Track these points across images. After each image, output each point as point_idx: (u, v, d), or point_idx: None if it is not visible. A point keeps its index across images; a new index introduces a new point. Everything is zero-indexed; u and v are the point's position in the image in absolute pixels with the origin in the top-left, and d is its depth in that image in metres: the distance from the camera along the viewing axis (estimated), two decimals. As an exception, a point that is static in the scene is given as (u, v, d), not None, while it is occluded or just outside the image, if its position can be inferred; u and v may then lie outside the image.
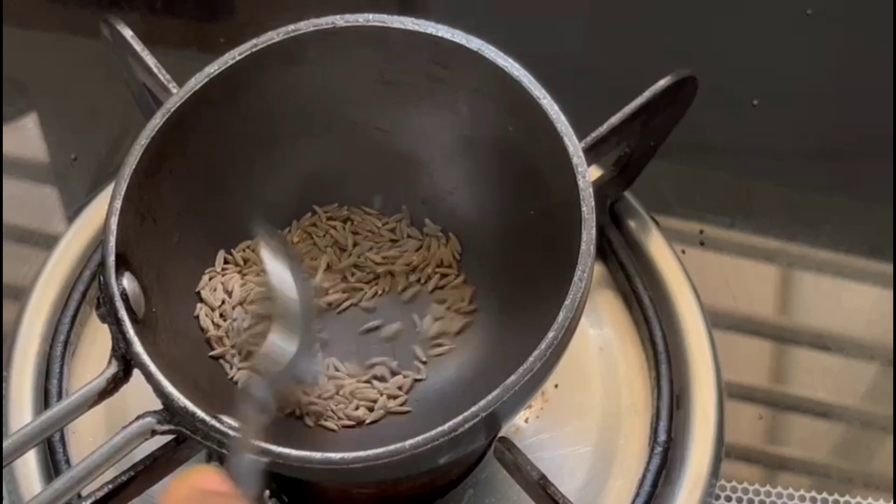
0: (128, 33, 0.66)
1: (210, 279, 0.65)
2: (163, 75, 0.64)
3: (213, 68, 0.61)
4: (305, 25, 0.62)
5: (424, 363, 0.64)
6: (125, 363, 0.55)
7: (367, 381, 0.63)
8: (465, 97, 0.63)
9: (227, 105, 0.62)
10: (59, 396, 0.68)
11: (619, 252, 0.72)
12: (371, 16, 0.62)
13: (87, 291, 0.71)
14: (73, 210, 0.75)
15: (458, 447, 0.53)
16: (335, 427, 0.62)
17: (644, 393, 0.69)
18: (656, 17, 0.85)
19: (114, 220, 0.57)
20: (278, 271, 0.59)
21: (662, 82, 0.65)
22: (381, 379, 0.63)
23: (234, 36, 0.63)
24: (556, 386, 0.68)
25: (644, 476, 0.66)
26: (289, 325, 0.57)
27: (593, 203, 0.57)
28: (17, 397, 0.67)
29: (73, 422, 0.56)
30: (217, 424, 0.53)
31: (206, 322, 0.64)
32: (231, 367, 0.63)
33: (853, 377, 0.72)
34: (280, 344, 0.57)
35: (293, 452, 0.53)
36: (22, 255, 0.75)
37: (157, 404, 0.54)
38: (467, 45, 0.61)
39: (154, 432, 0.54)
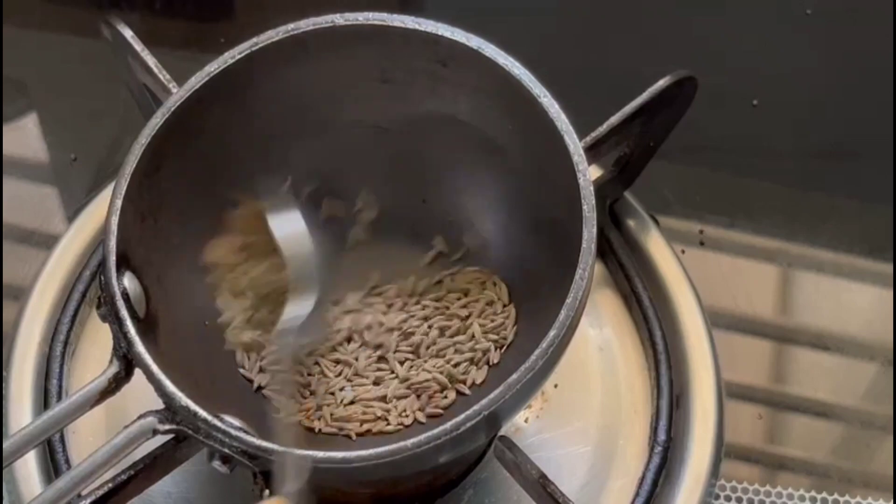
0: (128, 33, 0.66)
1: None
2: (163, 75, 0.64)
3: (213, 67, 0.61)
4: (305, 24, 0.62)
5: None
6: (126, 363, 0.55)
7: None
8: (465, 96, 0.63)
9: (227, 104, 0.62)
10: (59, 396, 0.68)
11: (618, 252, 0.72)
12: (371, 14, 0.62)
13: (87, 291, 0.70)
14: (73, 210, 0.74)
15: (460, 446, 0.54)
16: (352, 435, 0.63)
17: (644, 393, 0.69)
18: (656, 17, 0.85)
19: (114, 220, 0.57)
20: (285, 229, 0.58)
21: (662, 82, 0.65)
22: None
23: (234, 36, 0.63)
24: (556, 386, 0.68)
25: (644, 476, 0.66)
26: (304, 285, 0.56)
27: (594, 201, 0.57)
28: (17, 397, 0.67)
29: (74, 422, 0.56)
30: (219, 424, 0.53)
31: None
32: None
33: (853, 377, 0.72)
34: (296, 309, 0.56)
35: (295, 452, 0.53)
36: (22, 255, 0.75)
37: (158, 404, 0.55)
38: (467, 43, 0.61)
39: (156, 432, 0.54)
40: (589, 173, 0.58)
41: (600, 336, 0.71)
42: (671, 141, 0.69)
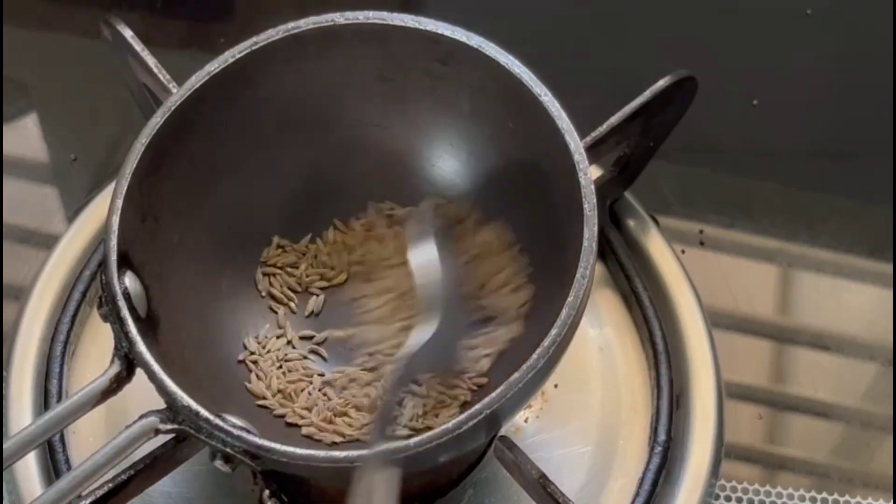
0: (128, 33, 0.66)
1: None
2: (163, 75, 0.64)
3: (214, 66, 0.61)
4: (305, 23, 0.62)
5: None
6: (127, 362, 0.55)
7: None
8: (465, 94, 0.63)
9: (227, 103, 0.62)
10: (59, 396, 0.67)
11: (618, 252, 0.72)
12: (371, 13, 0.62)
13: (87, 291, 0.70)
14: (73, 210, 0.74)
15: (461, 445, 0.54)
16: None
17: (644, 393, 0.69)
18: (656, 17, 0.85)
19: (115, 219, 0.57)
20: (420, 248, 0.58)
21: (662, 82, 0.65)
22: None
23: (234, 36, 0.63)
24: (556, 386, 0.68)
25: (644, 476, 0.66)
26: (429, 312, 0.56)
27: (595, 200, 0.57)
28: (17, 397, 0.67)
29: (74, 422, 0.56)
30: (221, 423, 0.53)
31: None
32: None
33: (853, 377, 0.72)
34: (420, 336, 0.56)
35: (298, 451, 0.53)
36: (22, 255, 0.75)
37: (158, 403, 0.54)
38: (468, 42, 0.61)
39: (157, 431, 0.54)
40: (590, 172, 0.58)
41: (600, 336, 0.71)
42: (671, 141, 0.69)
